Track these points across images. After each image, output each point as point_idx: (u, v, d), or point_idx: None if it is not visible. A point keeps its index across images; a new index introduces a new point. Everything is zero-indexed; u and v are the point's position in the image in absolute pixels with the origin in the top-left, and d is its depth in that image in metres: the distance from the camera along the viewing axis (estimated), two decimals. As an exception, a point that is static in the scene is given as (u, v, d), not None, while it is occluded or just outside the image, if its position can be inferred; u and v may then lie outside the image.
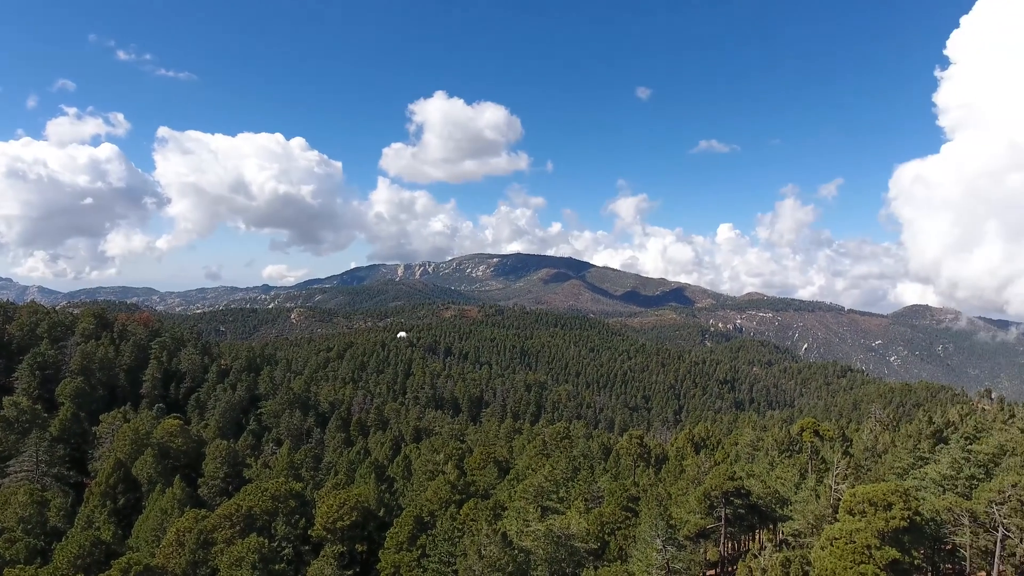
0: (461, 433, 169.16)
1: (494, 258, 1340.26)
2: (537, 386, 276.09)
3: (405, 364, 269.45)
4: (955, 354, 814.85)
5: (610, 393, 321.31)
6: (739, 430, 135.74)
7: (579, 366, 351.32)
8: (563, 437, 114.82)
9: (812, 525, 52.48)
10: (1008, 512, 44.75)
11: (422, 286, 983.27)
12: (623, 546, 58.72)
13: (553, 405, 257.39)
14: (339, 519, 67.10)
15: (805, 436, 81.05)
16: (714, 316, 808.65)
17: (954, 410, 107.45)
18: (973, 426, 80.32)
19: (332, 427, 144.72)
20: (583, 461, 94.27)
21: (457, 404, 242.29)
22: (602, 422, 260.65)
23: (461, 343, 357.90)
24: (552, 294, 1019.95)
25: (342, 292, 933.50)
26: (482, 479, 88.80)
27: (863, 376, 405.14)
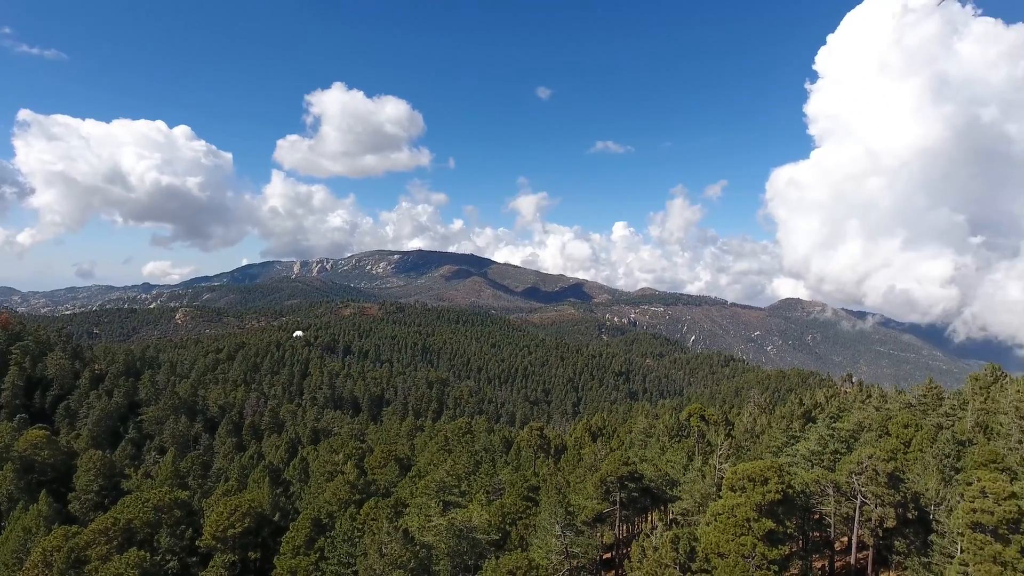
0: (361, 433, 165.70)
1: (395, 255, 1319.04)
2: (439, 383, 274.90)
3: (302, 364, 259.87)
4: (822, 343, 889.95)
5: (511, 388, 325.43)
6: (633, 418, 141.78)
7: (481, 362, 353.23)
8: (465, 432, 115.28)
9: (699, 503, 55.96)
10: (865, 481, 49.86)
11: (320, 284, 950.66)
12: (524, 535, 59.96)
13: (455, 401, 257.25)
14: (230, 527, 63.95)
15: (692, 421, 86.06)
16: (610, 311, 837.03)
17: (821, 393, 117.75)
18: (836, 407, 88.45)
19: (222, 432, 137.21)
20: (485, 455, 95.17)
21: (357, 404, 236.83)
22: (504, 416, 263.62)
23: (361, 341, 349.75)
24: (454, 291, 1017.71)
25: (233, 290, 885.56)
26: (383, 477, 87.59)
27: (744, 365, 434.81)
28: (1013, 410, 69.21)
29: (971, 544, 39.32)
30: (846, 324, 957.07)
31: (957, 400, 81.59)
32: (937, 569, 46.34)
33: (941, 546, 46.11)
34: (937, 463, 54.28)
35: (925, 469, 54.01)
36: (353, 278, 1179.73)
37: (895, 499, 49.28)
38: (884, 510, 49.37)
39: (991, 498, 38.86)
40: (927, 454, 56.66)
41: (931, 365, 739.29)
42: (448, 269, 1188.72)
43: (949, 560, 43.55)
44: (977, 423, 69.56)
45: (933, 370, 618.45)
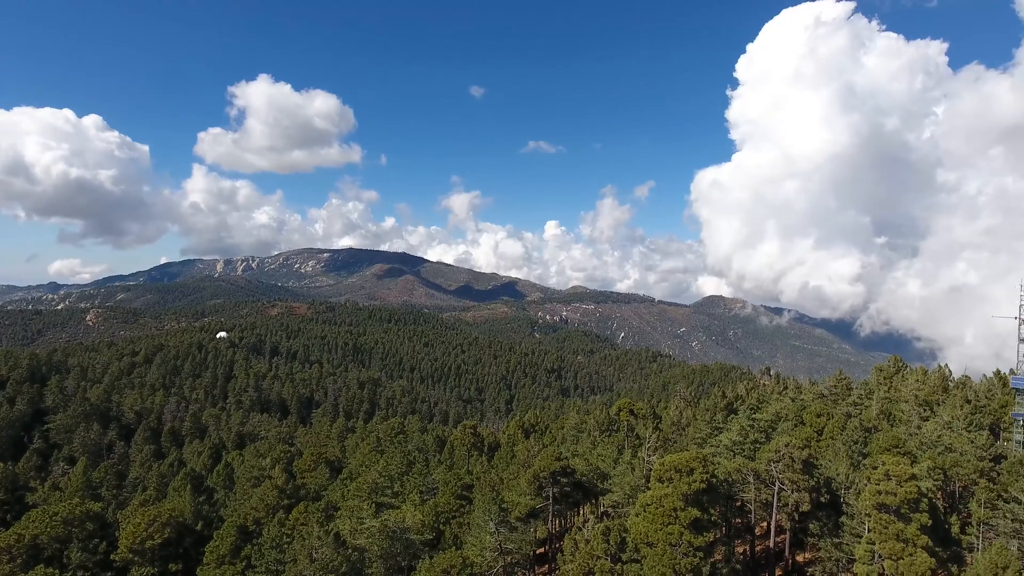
0: (290, 436, 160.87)
1: (325, 253, 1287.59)
2: (371, 383, 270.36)
3: (226, 366, 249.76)
4: (743, 338, 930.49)
5: (445, 387, 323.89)
6: (565, 415, 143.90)
7: (414, 361, 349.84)
8: (398, 433, 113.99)
9: (628, 495, 57.46)
10: (782, 468, 52.54)
11: (245, 283, 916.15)
12: (458, 534, 59.89)
13: (388, 402, 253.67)
14: (148, 538, 60.86)
15: (622, 416, 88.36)
16: (542, 309, 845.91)
17: (742, 386, 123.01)
18: (756, 399, 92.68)
19: (139, 439, 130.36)
20: (418, 455, 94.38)
21: (285, 406, 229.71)
22: (437, 415, 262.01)
23: (289, 342, 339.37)
24: (386, 290, 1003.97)
25: (151, 290, 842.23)
26: (313, 481, 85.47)
27: (671, 360, 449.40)
28: (912, 398, 74.61)
29: (877, 524, 42.17)
30: (764, 320, 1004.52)
31: (864, 390, 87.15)
32: (847, 548, 49.43)
33: (851, 527, 49.21)
34: (847, 449, 57.82)
35: (836, 455, 57.43)
36: (281, 277, 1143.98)
37: (809, 484, 52.18)
38: (800, 495, 52.19)
39: (894, 480, 41.77)
40: (838, 441, 60.23)
41: (840, 357, 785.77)
42: (380, 268, 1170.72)
43: (858, 539, 46.53)
44: (882, 411, 74.47)
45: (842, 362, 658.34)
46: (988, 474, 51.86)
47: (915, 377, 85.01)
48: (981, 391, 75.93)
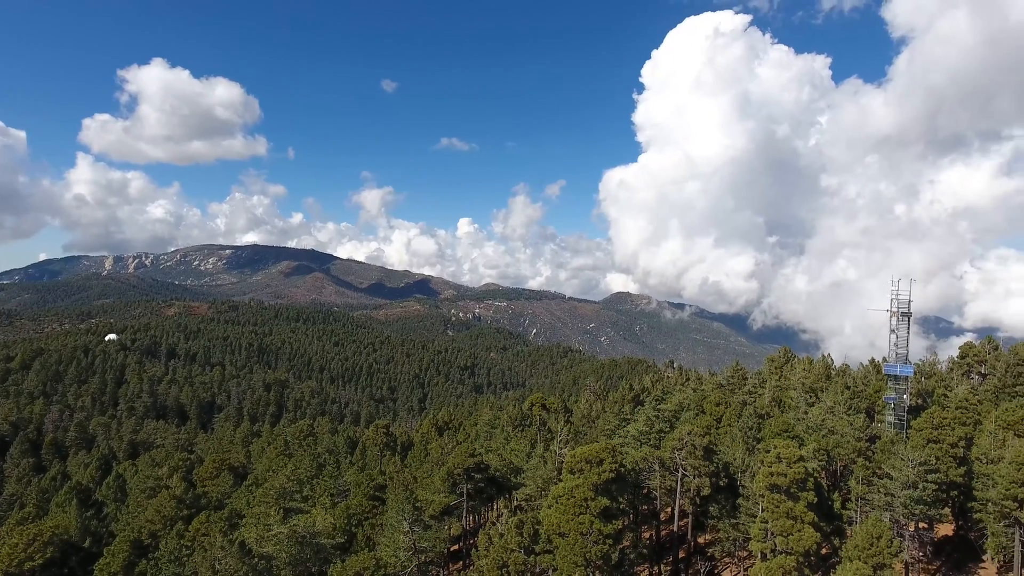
0: (189, 443, 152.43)
1: (227, 249, 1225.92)
2: (278, 385, 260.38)
3: (116, 371, 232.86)
4: (648, 332, 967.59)
5: (356, 387, 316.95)
6: (479, 411, 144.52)
7: (323, 361, 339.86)
8: (307, 435, 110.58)
9: (541, 487, 58.57)
10: (685, 455, 55.28)
11: (138, 281, 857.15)
12: (371, 535, 58.96)
13: (296, 403, 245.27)
14: (28, 559, 56.02)
15: (535, 411, 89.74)
16: (455, 306, 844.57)
17: (648, 379, 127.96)
18: (661, 390, 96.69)
19: (15, 452, 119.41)
20: (328, 457, 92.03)
21: (184, 411, 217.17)
22: (348, 416, 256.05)
23: (188, 343, 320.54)
24: (294, 288, 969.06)
25: (28, 289, 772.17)
26: (216, 489, 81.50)
27: (581, 355, 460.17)
28: (800, 385, 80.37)
29: (770, 503, 45.21)
30: (668, 315, 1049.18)
31: (758, 379, 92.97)
32: (743, 528, 52.71)
33: (747, 507, 52.50)
34: (743, 435, 61.58)
35: (733, 441, 61.03)
36: (178, 275, 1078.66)
37: (710, 469, 55.23)
38: (701, 480, 55.12)
39: (784, 462, 44.92)
40: (735, 428, 64.02)
41: (737, 349, 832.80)
42: (287, 265, 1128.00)
43: (753, 519, 49.69)
44: (773, 398, 79.75)
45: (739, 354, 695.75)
46: (864, 453, 56.74)
47: (802, 366, 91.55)
48: (859, 378, 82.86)
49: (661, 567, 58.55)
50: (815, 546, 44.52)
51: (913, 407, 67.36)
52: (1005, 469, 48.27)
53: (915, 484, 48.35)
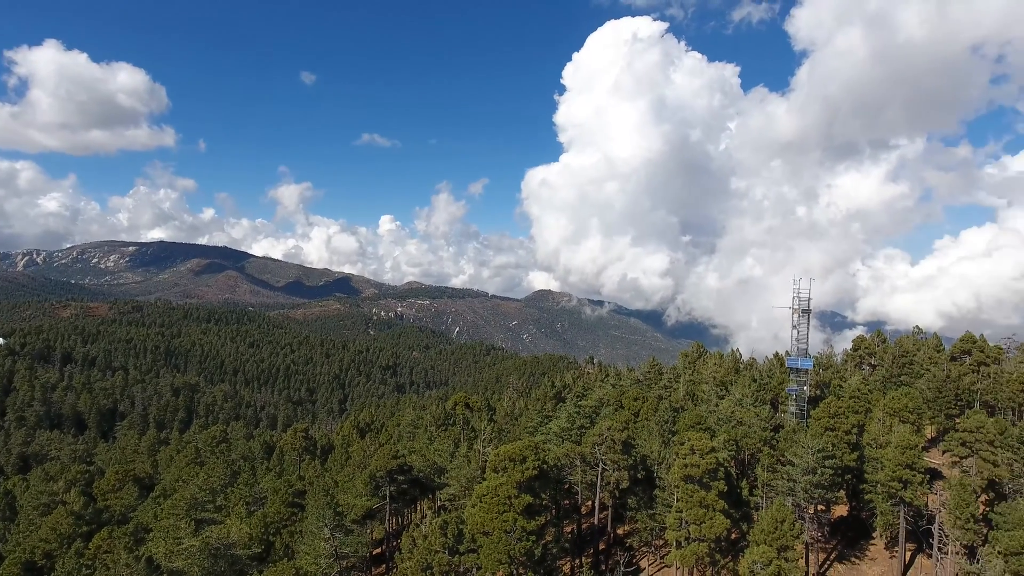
0: (88, 454, 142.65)
1: (130, 246, 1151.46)
2: (187, 389, 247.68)
3: (3, 378, 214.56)
4: (569, 329, 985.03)
5: (273, 389, 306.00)
6: (401, 411, 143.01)
7: (237, 363, 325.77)
8: (220, 441, 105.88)
9: (465, 487, 58.72)
10: (605, 450, 56.86)
11: (28, 280, 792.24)
12: (290, 543, 57.35)
13: (207, 408, 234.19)
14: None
15: (458, 410, 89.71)
16: (377, 305, 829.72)
17: (569, 375, 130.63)
18: (582, 387, 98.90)
19: None
20: (244, 463, 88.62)
21: (82, 420, 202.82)
22: (264, 420, 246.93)
23: (86, 347, 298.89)
24: (205, 287, 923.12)
25: None
26: (119, 502, 76.78)
27: (503, 353, 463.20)
28: (712, 379, 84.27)
29: (684, 493, 47.28)
30: (588, 311, 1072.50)
31: (673, 374, 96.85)
32: (660, 518, 54.86)
33: (663, 498, 54.66)
34: (659, 428, 63.96)
35: (650, 434, 63.27)
36: (75, 273, 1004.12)
37: (628, 463, 57.10)
38: (620, 473, 56.91)
39: (697, 454, 47.08)
40: (652, 421, 66.38)
41: (653, 345, 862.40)
42: (197, 263, 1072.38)
43: (669, 509, 51.79)
44: (687, 392, 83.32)
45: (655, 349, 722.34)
46: (770, 442, 60.29)
47: (713, 361, 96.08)
48: (764, 371, 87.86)
49: (582, 560, 59.98)
50: (726, 532, 47.00)
51: (813, 398, 72.19)
52: (891, 453, 52.58)
53: (814, 470, 51.87)
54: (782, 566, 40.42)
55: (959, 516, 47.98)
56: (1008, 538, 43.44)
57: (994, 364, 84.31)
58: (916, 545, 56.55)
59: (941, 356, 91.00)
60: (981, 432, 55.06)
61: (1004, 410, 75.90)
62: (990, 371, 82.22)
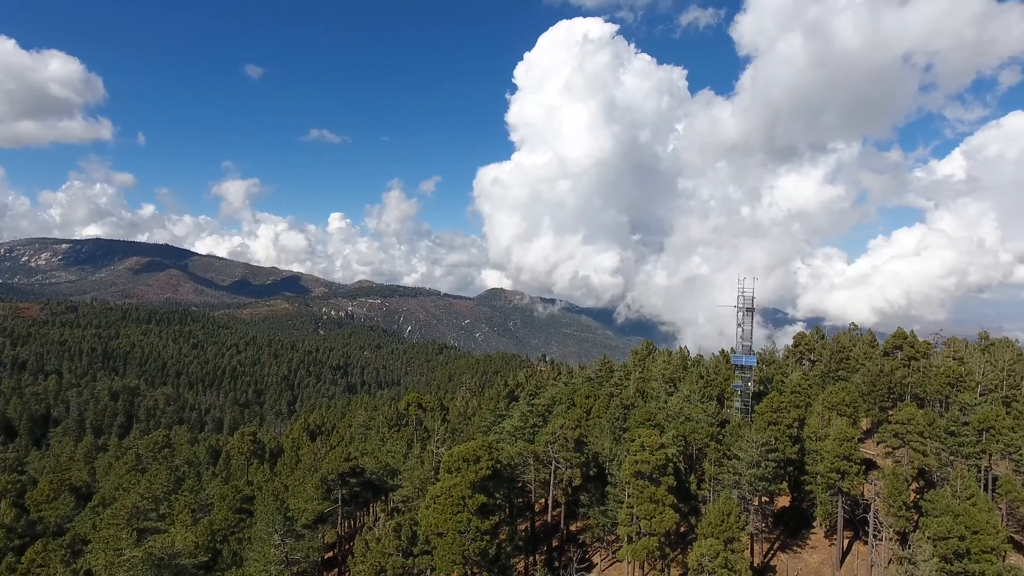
0: (19, 462, 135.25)
1: (63, 244, 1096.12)
2: (127, 393, 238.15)
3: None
4: (522, 327, 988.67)
5: (218, 391, 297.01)
6: (353, 412, 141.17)
7: (180, 365, 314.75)
8: (162, 447, 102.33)
9: (419, 488, 58.55)
10: (558, 448, 57.56)
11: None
12: (238, 550, 55.99)
13: (148, 412, 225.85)
14: None
15: (411, 410, 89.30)
16: (327, 304, 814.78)
17: (522, 374, 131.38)
18: (534, 385, 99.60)
19: None
20: (188, 469, 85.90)
21: (11, 427, 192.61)
22: (210, 424, 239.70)
23: (15, 350, 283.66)
24: (145, 286, 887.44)
25: None
26: (54, 513, 73.30)
27: (456, 352, 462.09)
28: (661, 376, 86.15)
29: (635, 489, 48.30)
30: (540, 309, 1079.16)
31: (623, 372, 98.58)
32: (612, 514, 55.88)
33: (614, 494, 55.68)
34: (610, 426, 65.15)
35: (602, 432, 64.39)
36: (2, 272, 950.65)
37: (580, 461, 57.95)
38: (572, 471, 57.74)
39: (648, 450, 48.17)
40: (603, 419, 67.56)
41: (604, 343, 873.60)
42: (137, 261, 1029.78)
43: (620, 505, 52.81)
44: (637, 389, 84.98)
45: (606, 347, 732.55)
46: (716, 437, 62.14)
47: (662, 358, 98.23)
48: (711, 367, 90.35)
49: (536, 557, 60.59)
50: (675, 526, 48.24)
51: (757, 393, 74.66)
52: (830, 445, 54.95)
53: (758, 463, 53.79)
54: (728, 558, 41.77)
55: (892, 504, 50.49)
56: (936, 524, 45.94)
57: (923, 359, 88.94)
58: (853, 533, 59.25)
59: (875, 351, 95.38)
60: (912, 424, 58.03)
61: (932, 402, 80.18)
62: (919, 365, 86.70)
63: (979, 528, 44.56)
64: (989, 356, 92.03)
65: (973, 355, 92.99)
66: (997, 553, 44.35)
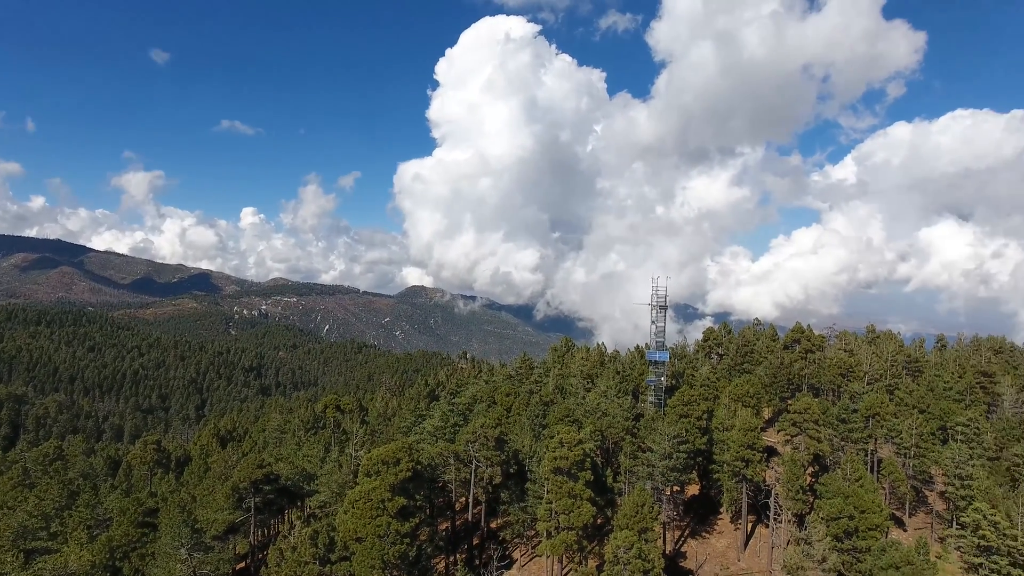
0: None
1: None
2: (12, 401, 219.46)
3: None
4: (443, 325, 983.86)
5: (118, 397, 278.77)
6: (267, 416, 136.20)
7: (74, 370, 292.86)
8: (54, 459, 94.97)
9: (337, 493, 57.30)
10: (478, 447, 57.80)
11: None
12: (140, 567, 52.95)
13: (38, 422, 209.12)
14: None
15: (329, 412, 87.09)
16: (239, 303, 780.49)
17: (443, 372, 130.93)
18: (455, 383, 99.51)
19: None
20: (84, 482, 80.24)
21: None
22: (108, 432, 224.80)
23: None
24: (33, 284, 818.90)
25: None
26: (-75, 537, 66.75)
27: (376, 351, 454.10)
28: (579, 372, 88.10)
29: (554, 485, 49.23)
30: (461, 306, 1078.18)
31: (543, 369, 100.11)
32: (531, 510, 56.72)
33: (534, 490, 56.55)
34: (530, 423, 66.06)
35: (522, 429, 65.19)
36: None
37: (501, 459, 58.45)
38: (493, 469, 58.14)
39: (566, 446, 49.20)
40: (523, 416, 68.40)
41: (525, 339, 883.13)
42: (24, 258, 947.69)
43: (539, 500, 53.70)
44: (556, 386, 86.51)
45: (526, 343, 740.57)
46: (631, 431, 64.26)
47: (581, 355, 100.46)
48: (627, 363, 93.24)
49: (457, 557, 60.66)
50: (592, 519, 49.56)
51: (669, 387, 77.75)
52: (735, 435, 58.04)
53: (670, 454, 56.09)
54: (642, 548, 43.34)
55: (790, 488, 53.96)
56: (829, 505, 49.53)
57: (818, 351, 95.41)
58: (756, 517, 62.88)
59: (776, 345, 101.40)
60: (808, 412, 62.16)
61: (826, 392, 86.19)
62: (815, 358, 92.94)
63: (866, 508, 48.36)
64: (875, 348, 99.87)
65: (861, 347, 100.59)
66: (881, 530, 48.31)
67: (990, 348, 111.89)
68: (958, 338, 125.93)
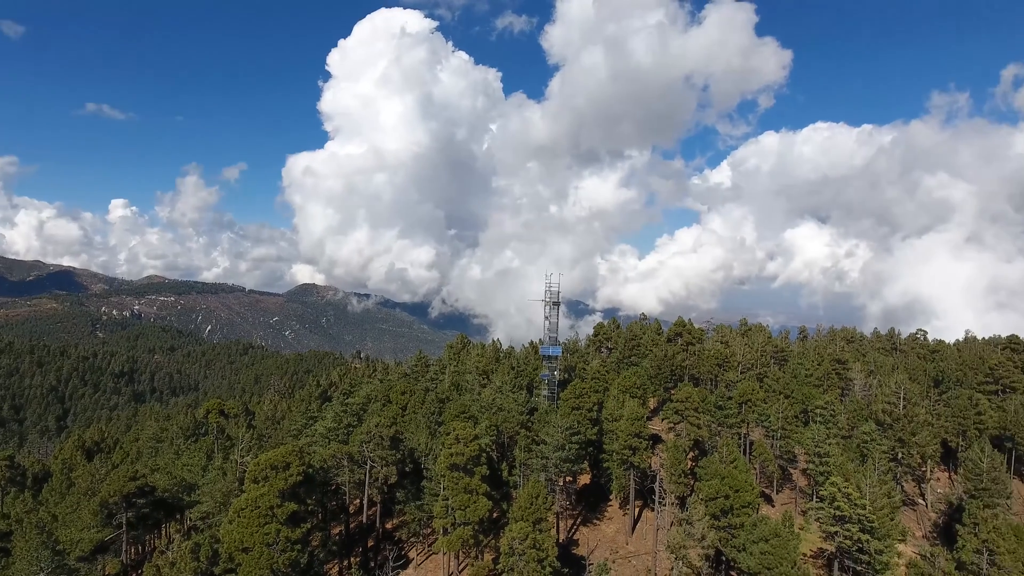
0: None
1: None
2: None
3: None
4: (335, 324, 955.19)
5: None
6: (141, 424, 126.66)
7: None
8: None
9: (220, 502, 54.35)
10: (373, 447, 56.89)
11: None
12: (-9, 597, 47.77)
13: None
14: None
15: (211, 417, 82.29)
16: (108, 303, 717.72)
17: (335, 372, 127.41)
18: (349, 383, 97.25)
19: None
20: (-82, 508, 71.16)
21: None
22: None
23: None
24: None
25: None
26: None
27: (264, 351, 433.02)
28: (475, 369, 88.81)
29: (450, 481, 49.40)
30: (354, 304, 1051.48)
31: (439, 366, 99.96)
32: (428, 508, 56.58)
33: (430, 488, 56.45)
34: (426, 421, 65.82)
35: (418, 427, 64.83)
36: None
37: (396, 458, 57.85)
38: (388, 469, 57.42)
39: (462, 442, 49.51)
40: (419, 414, 68.04)
41: (420, 337, 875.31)
42: None
43: (436, 498, 53.69)
44: (453, 383, 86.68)
45: (422, 341, 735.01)
46: (526, 425, 65.61)
47: (476, 351, 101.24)
48: (521, 358, 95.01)
49: (351, 560, 59.43)
50: (488, 513, 50.21)
51: (563, 381, 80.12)
52: (623, 425, 60.79)
53: (563, 446, 57.86)
54: (537, 538, 44.46)
55: (673, 473, 57.31)
56: (707, 487, 53.07)
57: (698, 344, 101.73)
58: (643, 502, 66.21)
59: (661, 339, 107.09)
60: (689, 401, 66.27)
61: (705, 381, 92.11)
62: (695, 350, 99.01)
63: (740, 487, 52.26)
64: (748, 340, 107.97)
65: (736, 339, 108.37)
66: (752, 507, 52.40)
67: (843, 338, 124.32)
68: (817, 329, 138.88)
